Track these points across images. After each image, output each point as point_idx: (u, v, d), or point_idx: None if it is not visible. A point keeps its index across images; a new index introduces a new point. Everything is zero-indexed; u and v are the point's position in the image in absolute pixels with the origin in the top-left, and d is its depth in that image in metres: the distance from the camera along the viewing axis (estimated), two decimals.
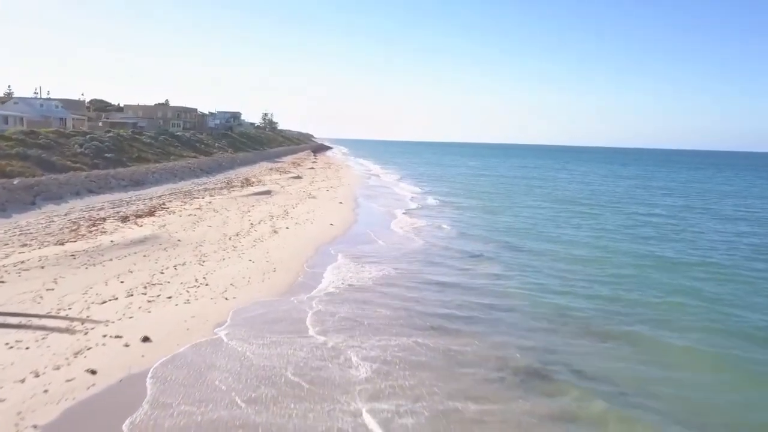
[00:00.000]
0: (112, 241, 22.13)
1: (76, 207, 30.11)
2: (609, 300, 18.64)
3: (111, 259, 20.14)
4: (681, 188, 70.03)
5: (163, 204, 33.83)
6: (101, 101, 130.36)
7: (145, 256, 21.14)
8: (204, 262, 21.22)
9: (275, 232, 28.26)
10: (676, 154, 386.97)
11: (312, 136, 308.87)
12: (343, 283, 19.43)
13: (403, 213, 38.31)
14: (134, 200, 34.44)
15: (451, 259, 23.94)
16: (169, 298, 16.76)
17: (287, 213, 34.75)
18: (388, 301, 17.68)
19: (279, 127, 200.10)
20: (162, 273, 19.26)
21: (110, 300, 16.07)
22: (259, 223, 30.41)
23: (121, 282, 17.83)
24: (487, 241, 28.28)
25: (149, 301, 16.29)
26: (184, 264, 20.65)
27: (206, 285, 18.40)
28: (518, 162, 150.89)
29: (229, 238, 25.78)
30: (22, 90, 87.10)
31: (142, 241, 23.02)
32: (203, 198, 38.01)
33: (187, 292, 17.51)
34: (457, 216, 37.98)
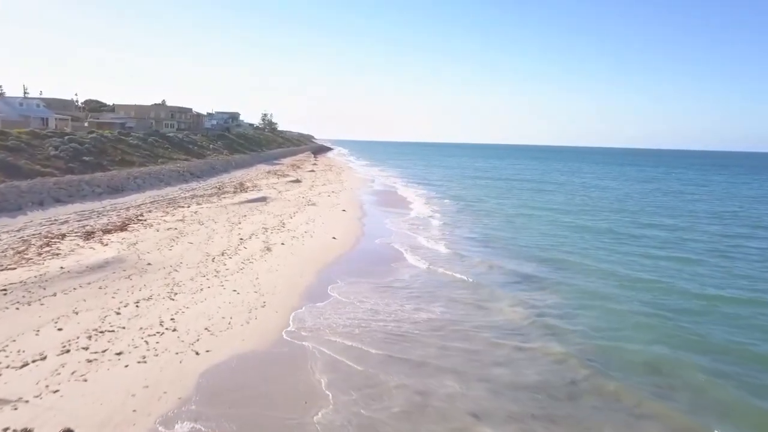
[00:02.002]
0: (62, 268, 17.80)
1: (35, 220, 25.78)
2: (693, 386, 12.50)
3: (55, 294, 15.82)
4: (705, 192, 65.62)
5: (141, 215, 29.48)
6: (96, 101, 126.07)
7: (100, 288, 16.80)
8: (176, 294, 16.89)
9: (268, 249, 23.96)
10: (676, 155, 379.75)
11: (312, 137, 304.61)
12: (350, 332, 14.86)
13: (415, 224, 34.01)
14: (108, 210, 30.08)
15: (478, 297, 18.44)
16: (119, 354, 12.44)
17: (283, 224, 30.45)
18: (413, 377, 12.22)
19: (279, 128, 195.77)
20: (118, 313, 14.94)
21: (35, 361, 11.75)
22: (250, 237, 26.10)
23: (59, 329, 13.51)
24: (515, 266, 22.85)
25: (90, 361, 11.97)
26: (149, 298, 16.33)
27: (173, 330, 14.10)
28: (521, 163, 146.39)
29: (212, 259, 21.47)
30: (19, 91, 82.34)
31: (101, 266, 18.69)
32: (188, 207, 33.66)
33: (146, 343, 13.20)
34: (473, 229, 33.56)
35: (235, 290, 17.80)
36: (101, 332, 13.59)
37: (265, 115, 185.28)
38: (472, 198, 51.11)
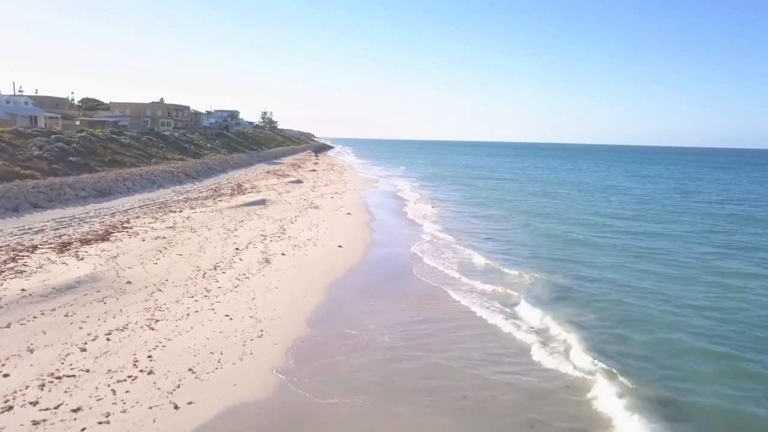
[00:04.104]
0: (23, 290, 15.10)
1: (6, 229, 23.05)
2: None
3: (9, 325, 13.14)
4: (724, 192, 62.65)
5: (127, 221, 26.75)
6: (93, 100, 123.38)
7: (67, 315, 14.12)
8: (156, 322, 14.22)
9: (267, 261, 21.31)
10: (669, 152, 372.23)
11: (313, 135, 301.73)
12: (372, 380, 11.97)
13: (427, 230, 31.31)
14: (91, 217, 27.34)
15: (520, 344, 14.25)
16: (76, 411, 9.78)
17: (284, 230, 27.80)
18: None
19: (279, 127, 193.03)
20: (83, 350, 12.26)
21: None
22: (247, 247, 23.43)
23: (5, 376, 10.84)
24: (552, 299, 17.89)
25: (36, 423, 9.31)
26: (124, 328, 13.65)
27: (149, 373, 11.42)
28: (524, 161, 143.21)
29: (203, 275, 18.79)
30: (15, 90, 78.97)
31: (71, 287, 15.99)
32: (181, 211, 30.92)
33: (113, 392, 10.53)
34: (489, 237, 30.92)
35: (227, 315, 15.14)
36: (58, 378, 10.91)
37: (265, 113, 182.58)
38: (482, 200, 48.42)
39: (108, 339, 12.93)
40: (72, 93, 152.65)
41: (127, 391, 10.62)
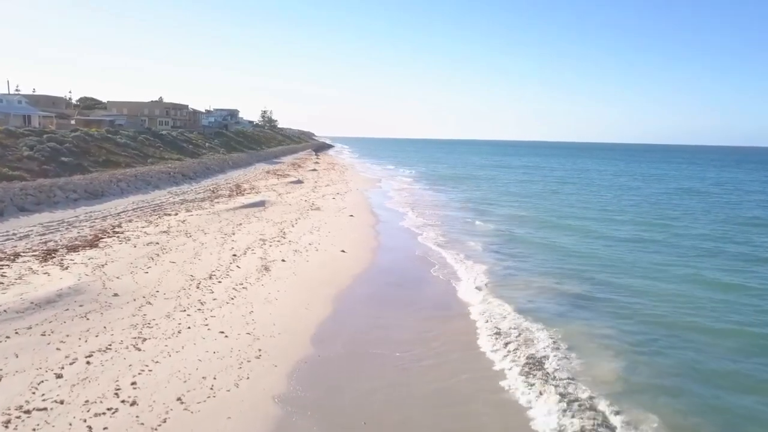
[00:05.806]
0: None
1: None
2: None
3: None
4: (734, 193, 61.23)
5: (118, 226, 25.38)
6: (91, 99, 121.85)
7: (44, 334, 12.75)
8: (144, 341, 12.86)
9: (266, 268, 19.97)
10: (673, 150, 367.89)
11: (313, 134, 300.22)
12: (386, 412, 10.73)
13: (435, 234, 29.97)
14: (81, 221, 25.99)
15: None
16: None
17: (284, 234, 26.44)
18: None
19: (279, 126, 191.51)
20: (59, 375, 10.90)
21: None
22: (245, 253, 22.08)
23: None
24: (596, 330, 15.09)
25: None
26: (107, 349, 12.29)
27: (132, 404, 10.07)
28: (523, 160, 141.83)
29: (197, 285, 17.42)
30: (12, 89, 77.04)
31: (52, 301, 14.62)
32: (176, 214, 29.56)
33: (89, 430, 9.18)
34: (496, 241, 29.64)
35: (222, 332, 13.79)
36: (27, 412, 9.56)
37: (265, 112, 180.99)
38: (486, 201, 47.14)
39: (88, 362, 11.57)
40: (70, 92, 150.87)
41: (105, 428, 9.27)
